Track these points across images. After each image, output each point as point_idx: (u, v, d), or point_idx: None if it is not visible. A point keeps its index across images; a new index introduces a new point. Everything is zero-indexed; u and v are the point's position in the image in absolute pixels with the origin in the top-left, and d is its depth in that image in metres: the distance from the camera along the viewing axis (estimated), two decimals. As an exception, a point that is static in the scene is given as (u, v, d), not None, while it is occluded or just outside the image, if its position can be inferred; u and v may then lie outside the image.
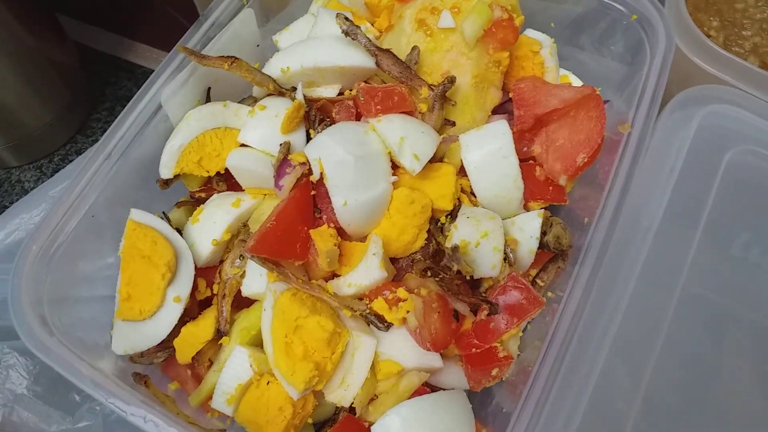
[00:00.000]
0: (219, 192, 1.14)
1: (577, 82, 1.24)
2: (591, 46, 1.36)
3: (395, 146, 1.00)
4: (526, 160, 1.12)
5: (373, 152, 1.01)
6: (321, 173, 0.99)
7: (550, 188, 1.13)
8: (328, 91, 1.13)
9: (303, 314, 0.96)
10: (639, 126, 1.05)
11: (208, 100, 1.16)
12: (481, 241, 1.00)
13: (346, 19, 1.06)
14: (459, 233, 1.01)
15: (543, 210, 1.07)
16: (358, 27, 1.09)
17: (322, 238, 0.99)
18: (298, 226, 1.00)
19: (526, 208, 1.12)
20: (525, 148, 1.14)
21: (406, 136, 1.01)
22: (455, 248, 0.94)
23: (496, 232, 1.01)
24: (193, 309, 1.06)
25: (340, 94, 1.14)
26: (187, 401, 1.06)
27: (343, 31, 1.08)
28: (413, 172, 1.00)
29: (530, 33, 1.24)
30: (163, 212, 1.09)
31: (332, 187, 0.98)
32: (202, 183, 1.14)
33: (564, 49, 1.28)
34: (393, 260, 1.05)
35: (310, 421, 1.02)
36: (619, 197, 0.97)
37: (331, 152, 0.98)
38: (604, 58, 1.35)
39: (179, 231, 1.07)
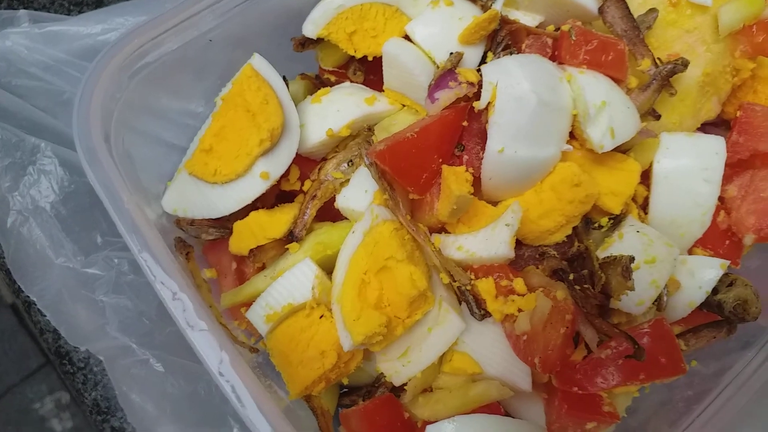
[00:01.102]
0: (353, 82, 0.93)
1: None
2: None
3: (592, 109, 0.78)
4: (714, 198, 0.89)
5: (560, 105, 0.79)
6: (489, 103, 0.78)
7: (727, 242, 0.89)
8: (527, 19, 0.91)
9: (399, 257, 0.75)
10: None
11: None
12: (643, 267, 0.77)
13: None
14: (621, 246, 0.78)
15: (727, 261, 0.83)
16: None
17: (458, 180, 0.77)
18: (434, 154, 0.79)
19: (689, 252, 0.89)
20: (719, 183, 0.90)
21: (611, 103, 0.78)
22: (631, 259, 0.71)
23: (666, 264, 0.78)
24: (270, 197, 0.86)
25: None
26: (217, 296, 0.87)
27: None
28: (601, 148, 0.78)
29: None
30: (284, 76, 0.89)
31: (495, 124, 0.77)
32: (338, 63, 0.94)
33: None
34: (517, 244, 0.83)
35: (345, 381, 0.82)
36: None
37: (515, 82, 0.77)
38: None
39: (293, 104, 0.88)
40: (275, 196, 0.87)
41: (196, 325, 0.65)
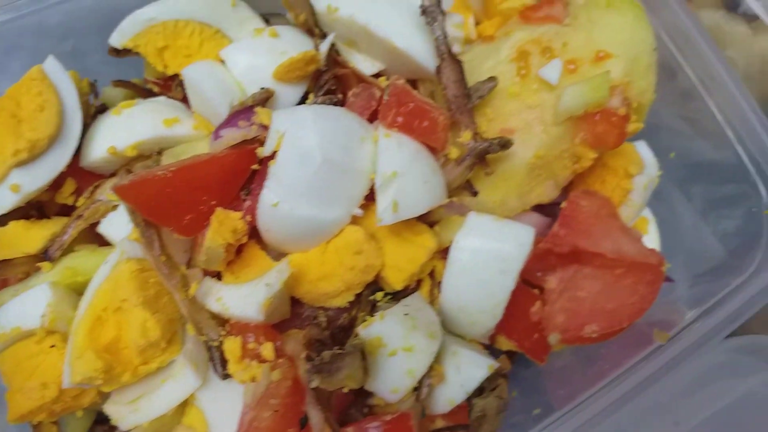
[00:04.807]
0: (171, 97, 0.87)
1: (652, 238, 0.93)
2: (696, 209, 1.01)
3: (381, 178, 0.72)
4: (532, 286, 0.82)
5: (353, 167, 0.73)
6: (274, 152, 0.72)
7: (536, 335, 0.83)
8: (366, 65, 0.85)
9: (134, 301, 0.70)
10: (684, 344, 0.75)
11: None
12: (401, 354, 0.71)
13: (437, -5, 0.77)
14: (381, 327, 0.72)
15: (497, 363, 0.77)
16: (442, 13, 0.79)
17: (221, 228, 0.72)
18: (204, 195, 0.73)
19: (492, 340, 0.83)
20: (539, 273, 0.83)
21: (403, 174, 0.72)
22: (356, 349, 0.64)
23: (423, 355, 0.72)
24: (51, 206, 0.81)
25: (377, 76, 0.86)
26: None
27: (422, 8, 0.79)
28: (378, 222, 0.71)
29: (641, 148, 0.92)
30: (95, 80, 0.84)
31: (274, 176, 0.71)
32: (162, 75, 0.88)
33: (666, 189, 0.96)
34: (296, 302, 0.77)
35: (80, 414, 0.78)
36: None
37: (303, 135, 0.71)
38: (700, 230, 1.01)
39: (100, 110, 0.82)
40: (52, 204, 0.82)
41: None
